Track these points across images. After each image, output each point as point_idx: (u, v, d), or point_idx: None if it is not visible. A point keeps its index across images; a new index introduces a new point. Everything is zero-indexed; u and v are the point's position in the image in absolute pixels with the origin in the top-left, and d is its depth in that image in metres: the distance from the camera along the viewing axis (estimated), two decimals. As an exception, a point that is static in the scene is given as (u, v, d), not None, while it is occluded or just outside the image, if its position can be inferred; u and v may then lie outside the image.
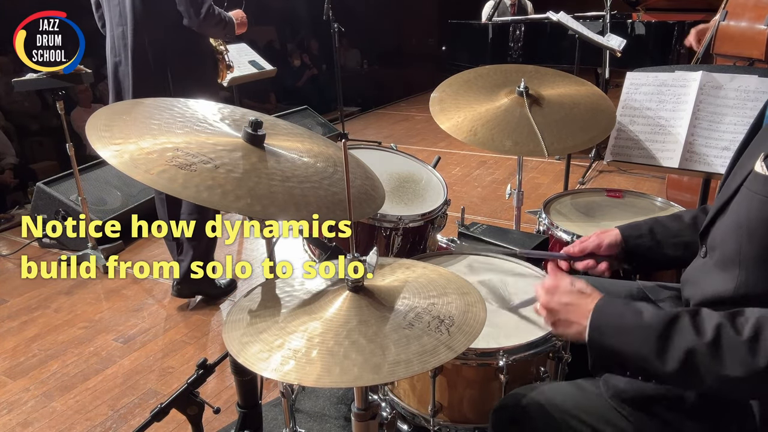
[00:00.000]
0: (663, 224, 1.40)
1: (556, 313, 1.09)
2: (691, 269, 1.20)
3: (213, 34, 2.69)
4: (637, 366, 0.97)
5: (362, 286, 1.04)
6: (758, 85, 1.86)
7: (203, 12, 2.49)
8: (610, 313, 1.01)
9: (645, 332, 0.95)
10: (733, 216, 1.05)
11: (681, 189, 3.19)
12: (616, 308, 1.01)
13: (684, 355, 0.91)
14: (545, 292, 1.12)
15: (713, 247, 1.11)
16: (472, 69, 2.25)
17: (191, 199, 1.04)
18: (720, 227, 1.09)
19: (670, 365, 0.92)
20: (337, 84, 5.58)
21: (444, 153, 4.97)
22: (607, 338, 0.99)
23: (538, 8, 5.44)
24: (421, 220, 1.91)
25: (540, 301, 1.13)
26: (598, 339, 1.00)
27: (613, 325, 0.99)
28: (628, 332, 0.97)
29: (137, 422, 2.11)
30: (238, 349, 0.95)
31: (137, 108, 1.30)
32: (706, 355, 0.89)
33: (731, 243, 1.03)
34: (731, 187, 1.07)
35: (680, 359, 0.91)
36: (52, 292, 3.15)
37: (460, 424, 1.37)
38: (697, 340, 0.90)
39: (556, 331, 1.11)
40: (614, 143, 2.07)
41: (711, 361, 0.89)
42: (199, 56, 2.67)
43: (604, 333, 1.00)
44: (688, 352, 0.90)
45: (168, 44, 2.54)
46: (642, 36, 5.21)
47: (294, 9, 9.14)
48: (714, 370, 0.89)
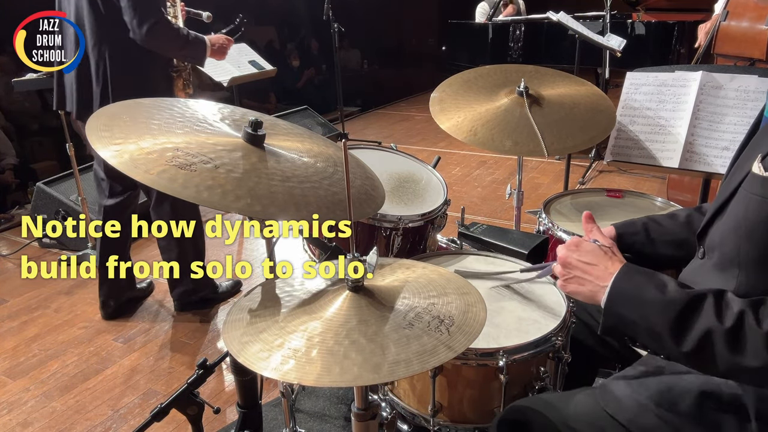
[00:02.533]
0: (658, 222, 1.40)
1: (573, 269, 1.08)
2: (689, 270, 1.20)
3: (164, 52, 2.43)
4: (649, 339, 0.96)
5: (362, 286, 1.04)
6: (758, 85, 1.86)
7: (147, 26, 2.24)
8: (632, 282, 1.00)
9: (666, 309, 0.94)
10: (732, 217, 1.04)
11: (681, 189, 3.19)
12: (640, 278, 1.00)
13: (701, 337, 0.90)
14: (566, 248, 1.11)
15: (712, 248, 1.10)
16: (472, 69, 2.25)
17: (191, 199, 1.04)
18: (719, 228, 1.09)
19: (686, 346, 0.91)
20: (337, 84, 5.58)
21: (444, 153, 4.97)
22: (625, 307, 0.98)
23: (538, 8, 5.44)
24: (421, 220, 1.91)
25: (558, 254, 1.11)
26: (615, 306, 0.99)
27: (634, 295, 0.98)
28: (649, 305, 0.96)
29: (137, 422, 2.11)
30: (238, 349, 0.95)
31: (137, 108, 1.30)
32: (724, 341, 0.89)
33: (730, 244, 1.03)
34: (729, 188, 1.07)
35: (697, 341, 0.90)
36: (52, 292, 3.15)
37: (460, 424, 1.37)
38: (717, 324, 0.90)
39: (567, 288, 1.10)
40: (614, 143, 2.07)
41: (728, 348, 0.88)
42: (143, 74, 2.42)
43: (624, 301, 0.99)
44: (706, 335, 0.90)
45: (113, 56, 2.34)
46: (642, 36, 5.22)
47: (294, 9, 9.14)
48: (729, 358, 0.88)
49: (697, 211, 1.38)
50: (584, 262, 1.07)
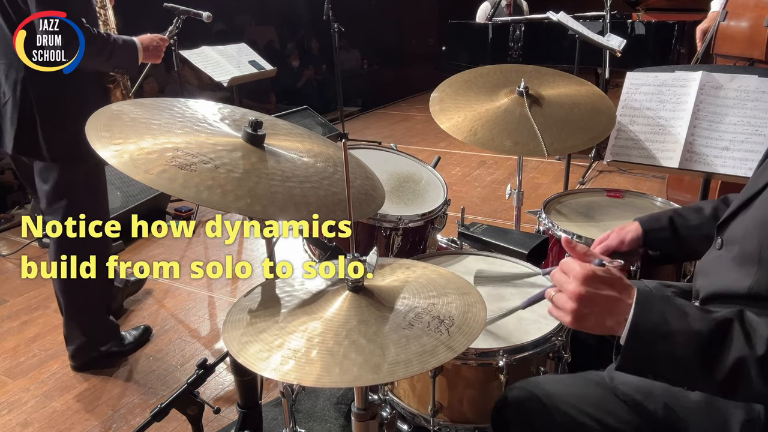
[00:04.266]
0: (683, 216, 1.36)
1: (594, 306, 0.91)
2: (706, 260, 1.18)
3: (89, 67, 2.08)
4: (675, 374, 0.89)
5: (362, 286, 1.04)
6: (758, 85, 1.86)
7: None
8: (653, 313, 0.89)
9: (691, 340, 0.86)
10: (758, 213, 1.02)
11: (681, 189, 3.19)
12: (660, 307, 0.90)
13: (733, 367, 0.85)
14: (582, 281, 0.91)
15: (732, 241, 1.08)
16: (472, 69, 2.25)
17: (191, 199, 1.04)
18: (742, 222, 1.07)
19: (717, 377, 0.85)
20: (337, 84, 5.58)
21: (444, 153, 4.97)
22: (647, 343, 0.88)
23: (538, 8, 5.44)
24: (421, 220, 1.91)
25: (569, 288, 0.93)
26: (637, 342, 0.89)
27: (657, 328, 0.88)
28: (673, 338, 0.87)
29: (137, 422, 2.11)
30: (238, 349, 0.95)
31: (137, 108, 1.30)
32: (758, 369, 0.84)
33: (753, 240, 1.00)
34: (758, 184, 1.04)
35: (728, 371, 0.85)
36: (52, 292, 3.13)
37: (460, 424, 1.37)
38: (749, 352, 0.84)
39: (581, 324, 0.93)
40: (614, 143, 2.07)
41: (761, 376, 0.84)
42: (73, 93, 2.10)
43: (646, 337, 0.88)
44: (738, 364, 0.84)
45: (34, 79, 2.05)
46: (642, 36, 5.21)
47: (294, 9, 9.14)
48: (763, 385, 0.84)
49: (723, 202, 1.34)
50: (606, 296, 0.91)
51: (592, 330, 0.93)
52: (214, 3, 4.91)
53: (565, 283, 0.94)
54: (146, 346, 2.61)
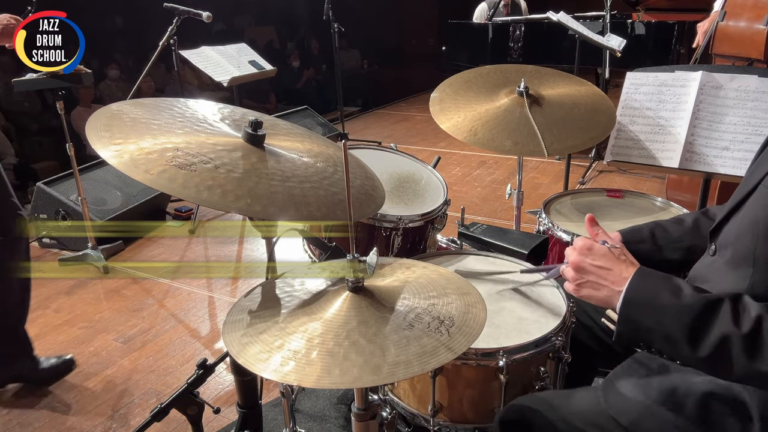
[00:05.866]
0: (664, 228, 1.38)
1: (587, 274, 1.06)
2: (700, 267, 1.19)
3: None
4: (665, 345, 0.95)
5: (362, 287, 1.04)
6: (758, 85, 1.86)
7: None
8: (647, 287, 0.98)
9: (681, 314, 0.93)
10: (749, 214, 1.03)
11: (681, 189, 3.20)
12: (655, 282, 0.99)
13: (718, 343, 0.89)
14: (578, 252, 1.08)
15: (725, 246, 1.09)
16: (472, 69, 2.25)
17: (191, 199, 1.04)
18: (734, 225, 1.07)
19: (702, 351, 0.90)
20: (337, 84, 5.58)
21: (444, 153, 4.97)
22: (640, 313, 0.97)
23: (538, 8, 5.44)
24: (421, 220, 1.91)
25: (570, 259, 1.09)
26: (630, 312, 0.98)
27: (649, 300, 0.97)
28: (664, 311, 0.95)
29: (137, 422, 2.11)
30: (238, 350, 0.95)
31: (137, 108, 1.30)
32: (742, 346, 0.88)
33: (746, 241, 1.02)
34: (748, 185, 1.05)
35: (714, 347, 0.89)
36: (52, 292, 3.15)
37: (460, 424, 1.37)
38: (734, 329, 0.89)
39: (581, 293, 1.07)
40: (614, 143, 2.07)
41: (745, 354, 0.88)
42: None
43: (639, 307, 0.97)
44: (723, 340, 0.89)
45: None
46: (642, 36, 5.21)
47: (294, 9, 9.14)
48: (747, 363, 0.88)
49: (703, 215, 1.36)
50: (598, 266, 1.05)
51: (591, 299, 1.07)
52: (214, 3, 4.90)
53: (569, 255, 1.11)
54: (146, 346, 2.61)
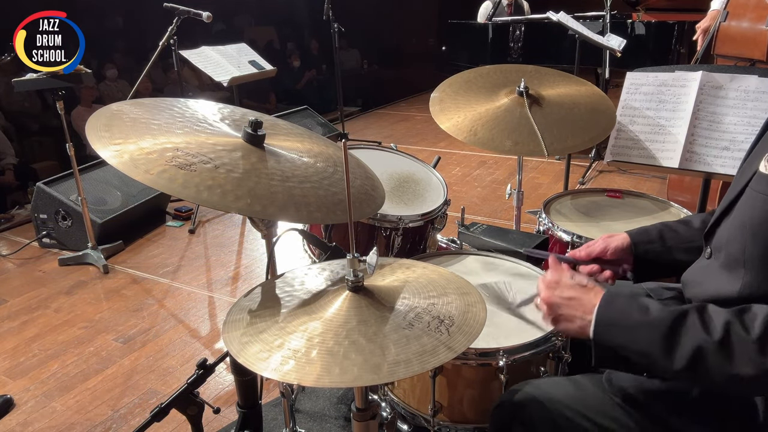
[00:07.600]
0: (673, 229, 1.36)
1: (558, 308, 1.07)
2: (693, 270, 1.20)
3: None
4: (642, 363, 0.96)
5: (362, 286, 1.04)
6: (758, 85, 1.86)
7: None
8: (615, 309, 1.00)
9: (652, 330, 0.94)
10: (738, 216, 1.04)
11: (681, 189, 3.19)
12: (622, 304, 1.00)
13: (692, 353, 0.90)
14: (546, 287, 1.10)
15: (719, 248, 1.10)
16: (472, 69, 2.25)
17: (191, 199, 1.04)
18: (725, 228, 1.08)
19: (678, 363, 0.91)
20: (337, 84, 5.58)
21: (444, 153, 4.97)
22: (612, 335, 0.98)
23: (538, 8, 5.44)
24: (421, 220, 1.91)
25: (541, 296, 1.11)
26: (603, 336, 0.99)
27: (619, 321, 0.98)
28: (635, 330, 0.96)
29: (137, 422, 2.11)
30: (238, 349, 0.95)
31: (137, 108, 1.30)
32: (716, 354, 0.89)
33: (736, 243, 1.03)
34: (737, 188, 1.06)
35: (688, 358, 0.90)
36: (52, 292, 3.15)
37: (460, 424, 1.37)
38: (706, 338, 0.90)
39: (558, 327, 1.09)
40: (614, 143, 2.07)
41: (720, 360, 0.88)
42: None
43: (610, 330, 0.98)
44: (697, 350, 0.90)
45: None
46: (642, 36, 5.21)
47: (294, 9, 9.14)
48: (723, 370, 0.88)
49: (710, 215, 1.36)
50: (566, 298, 1.06)
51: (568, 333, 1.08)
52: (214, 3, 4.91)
53: (540, 291, 1.12)
54: (146, 346, 2.61)
